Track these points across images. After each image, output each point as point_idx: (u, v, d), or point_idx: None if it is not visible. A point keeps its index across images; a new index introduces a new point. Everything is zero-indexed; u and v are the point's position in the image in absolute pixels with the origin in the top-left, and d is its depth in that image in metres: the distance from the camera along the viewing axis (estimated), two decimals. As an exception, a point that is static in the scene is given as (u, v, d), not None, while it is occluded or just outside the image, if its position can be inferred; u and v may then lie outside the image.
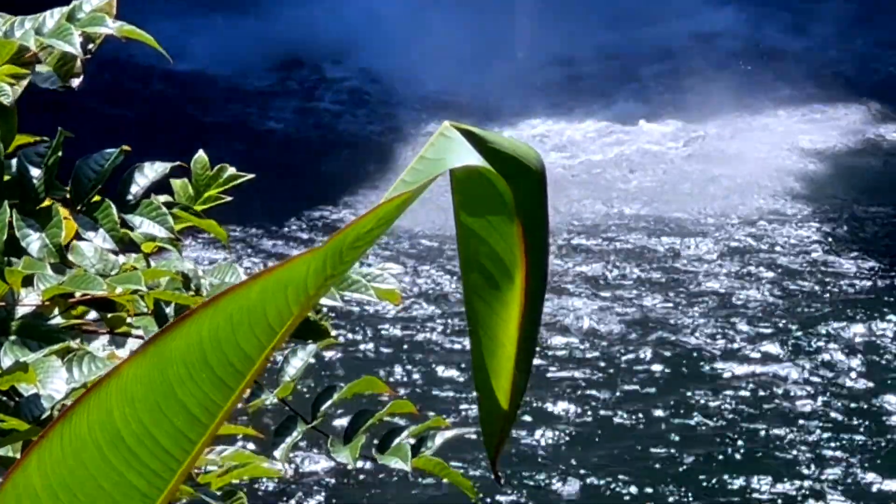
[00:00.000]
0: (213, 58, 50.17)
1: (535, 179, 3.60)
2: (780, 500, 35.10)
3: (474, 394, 3.80)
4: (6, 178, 6.10)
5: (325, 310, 6.77)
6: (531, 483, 35.44)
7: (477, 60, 50.40)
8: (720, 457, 36.41)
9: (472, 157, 3.59)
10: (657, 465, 36.11)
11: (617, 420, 37.47)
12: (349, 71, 51.04)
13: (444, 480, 6.95)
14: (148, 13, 39.36)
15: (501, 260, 3.61)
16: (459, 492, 9.40)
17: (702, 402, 37.93)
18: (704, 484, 35.77)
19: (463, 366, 32.99)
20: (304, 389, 7.51)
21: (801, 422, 37.34)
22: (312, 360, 6.65)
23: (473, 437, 30.94)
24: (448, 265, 38.07)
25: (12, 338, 5.72)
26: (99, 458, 3.65)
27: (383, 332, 36.24)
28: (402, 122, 47.29)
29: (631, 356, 39.49)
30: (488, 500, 35.01)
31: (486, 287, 3.63)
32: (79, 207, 6.10)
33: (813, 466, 35.85)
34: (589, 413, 37.36)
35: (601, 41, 51.81)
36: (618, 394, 38.30)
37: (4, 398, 5.80)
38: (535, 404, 37.00)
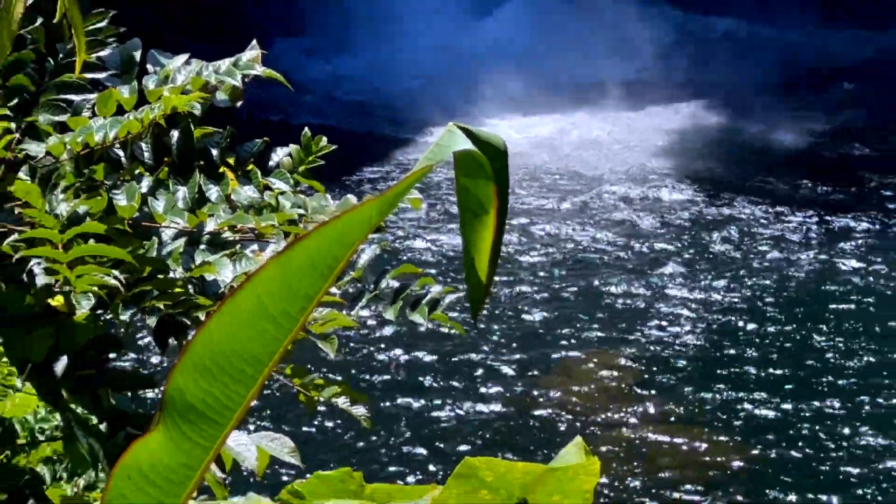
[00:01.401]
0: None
1: (503, 157, 3.70)
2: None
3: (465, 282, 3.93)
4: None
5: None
6: (501, 331, 35.29)
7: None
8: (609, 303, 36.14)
9: (467, 145, 3.66)
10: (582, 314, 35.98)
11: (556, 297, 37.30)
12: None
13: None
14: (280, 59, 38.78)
15: (483, 204, 3.68)
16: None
17: (610, 290, 37.70)
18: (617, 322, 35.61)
19: (457, 262, 33.01)
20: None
21: (677, 303, 37.08)
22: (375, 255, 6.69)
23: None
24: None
25: (202, 247, 5.78)
26: (250, 319, 3.72)
27: (413, 250, 36.04)
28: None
29: (566, 257, 39.32)
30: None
31: (473, 220, 3.69)
32: (239, 172, 6.15)
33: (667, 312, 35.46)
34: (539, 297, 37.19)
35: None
36: (553, 278, 38.10)
37: (193, 283, 5.84)
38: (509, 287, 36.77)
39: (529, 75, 46.58)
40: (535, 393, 33.55)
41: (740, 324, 36.61)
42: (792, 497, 30.38)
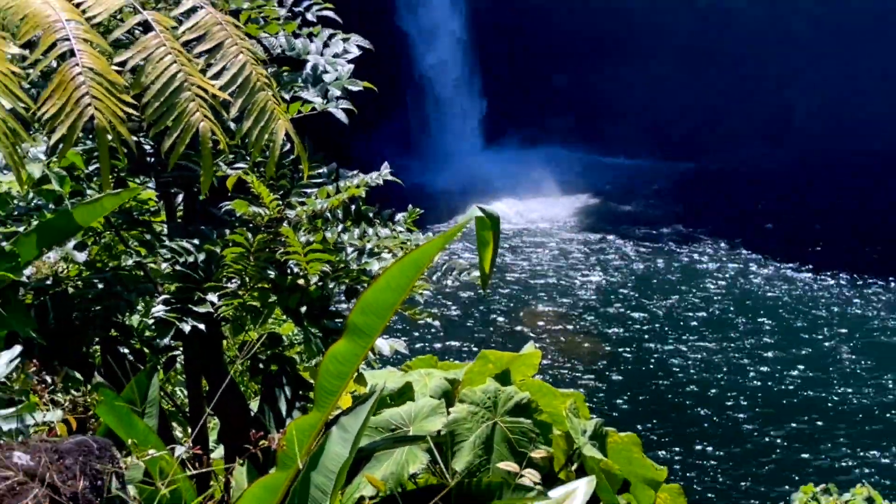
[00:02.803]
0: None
1: (497, 220, 3.72)
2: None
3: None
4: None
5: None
6: (503, 299, 35.07)
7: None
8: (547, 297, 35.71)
9: (481, 213, 3.70)
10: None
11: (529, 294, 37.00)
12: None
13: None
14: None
15: (488, 240, 3.72)
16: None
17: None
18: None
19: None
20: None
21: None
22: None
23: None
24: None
25: (365, 255, 5.76)
26: (384, 288, 3.74)
27: (458, 256, 35.81)
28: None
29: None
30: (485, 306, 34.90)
31: (483, 246, 3.68)
32: (380, 220, 6.10)
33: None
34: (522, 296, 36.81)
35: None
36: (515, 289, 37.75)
37: (361, 271, 5.83)
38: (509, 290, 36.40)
39: (517, 177, 46.10)
40: (515, 321, 33.57)
41: (619, 289, 36.50)
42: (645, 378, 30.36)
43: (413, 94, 47.67)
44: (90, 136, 5.64)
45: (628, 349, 31.94)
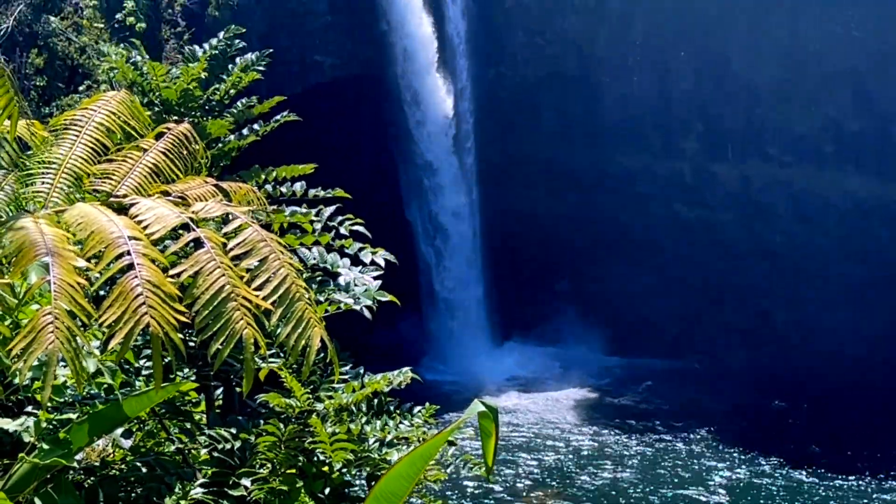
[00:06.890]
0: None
1: (496, 412, 3.66)
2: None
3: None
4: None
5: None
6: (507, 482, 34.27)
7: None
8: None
9: (482, 407, 3.65)
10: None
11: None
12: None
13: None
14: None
15: (490, 431, 3.66)
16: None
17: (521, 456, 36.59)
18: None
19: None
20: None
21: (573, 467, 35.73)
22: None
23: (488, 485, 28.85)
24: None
25: (386, 445, 5.65)
26: (396, 479, 3.65)
27: (470, 449, 35.12)
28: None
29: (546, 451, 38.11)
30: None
31: (486, 438, 3.62)
32: (399, 412, 5.93)
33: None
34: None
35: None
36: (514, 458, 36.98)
37: (383, 460, 5.67)
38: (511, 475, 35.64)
39: (522, 374, 45.55)
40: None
41: (617, 476, 35.64)
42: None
43: (432, 304, 48.03)
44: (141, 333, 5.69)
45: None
